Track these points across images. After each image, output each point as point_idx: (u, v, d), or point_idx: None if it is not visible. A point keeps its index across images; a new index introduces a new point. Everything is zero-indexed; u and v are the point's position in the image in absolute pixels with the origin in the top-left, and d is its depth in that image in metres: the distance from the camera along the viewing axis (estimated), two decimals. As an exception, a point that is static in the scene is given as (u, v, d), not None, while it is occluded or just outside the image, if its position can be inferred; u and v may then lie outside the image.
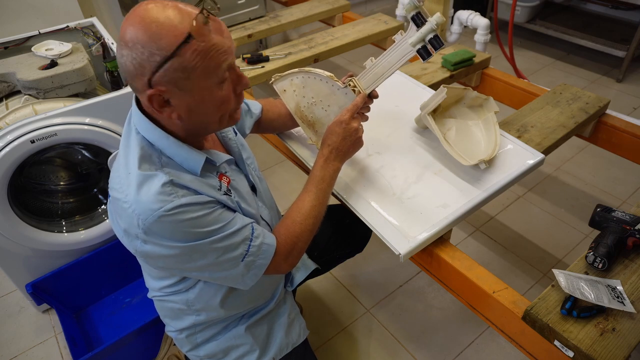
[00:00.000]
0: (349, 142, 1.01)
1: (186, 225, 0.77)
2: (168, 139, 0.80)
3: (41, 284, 1.51)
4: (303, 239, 0.94)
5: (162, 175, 0.77)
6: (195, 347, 1.04)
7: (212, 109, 0.79)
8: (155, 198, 0.75)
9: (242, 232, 0.84)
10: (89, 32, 1.65)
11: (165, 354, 1.36)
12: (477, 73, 1.76)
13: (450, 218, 1.06)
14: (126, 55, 0.71)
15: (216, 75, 0.75)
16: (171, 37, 0.69)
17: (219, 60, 0.73)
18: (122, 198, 0.78)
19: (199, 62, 0.71)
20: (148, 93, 0.73)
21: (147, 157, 0.80)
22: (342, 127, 1.00)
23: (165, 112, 0.77)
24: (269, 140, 1.52)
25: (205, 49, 0.71)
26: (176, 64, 0.71)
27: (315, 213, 0.96)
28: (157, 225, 0.75)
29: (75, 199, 1.66)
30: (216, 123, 0.82)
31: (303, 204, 0.96)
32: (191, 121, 0.79)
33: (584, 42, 2.92)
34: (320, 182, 0.98)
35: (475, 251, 1.85)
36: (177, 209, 0.75)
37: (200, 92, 0.75)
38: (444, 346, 1.53)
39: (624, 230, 0.98)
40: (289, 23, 2.23)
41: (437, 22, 0.94)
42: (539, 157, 1.20)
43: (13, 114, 1.37)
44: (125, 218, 0.78)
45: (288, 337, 1.10)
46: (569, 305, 0.88)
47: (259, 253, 0.87)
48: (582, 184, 2.14)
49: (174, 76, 0.72)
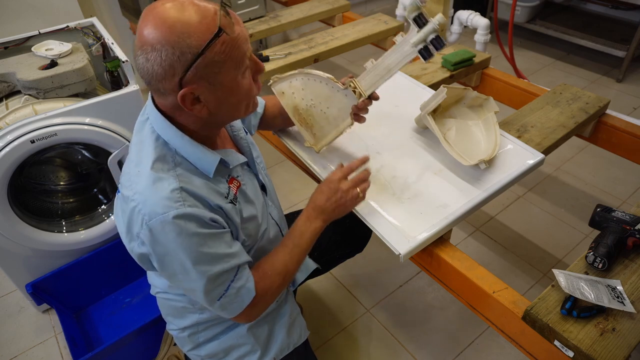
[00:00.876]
0: (333, 204, 0.97)
1: (184, 238, 0.76)
2: (183, 138, 0.80)
3: (41, 284, 1.51)
4: (273, 293, 0.93)
5: (173, 180, 0.77)
6: (197, 347, 1.04)
7: (240, 98, 0.79)
8: (162, 202, 0.75)
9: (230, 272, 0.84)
10: (89, 32, 1.65)
11: (165, 354, 1.36)
12: (477, 73, 1.76)
13: (450, 218, 1.06)
14: (153, 59, 0.70)
15: (243, 65, 0.76)
16: (200, 34, 0.69)
17: (244, 50, 0.75)
18: (130, 196, 0.78)
19: (228, 54, 0.72)
20: (181, 93, 0.73)
21: (161, 156, 0.80)
22: (329, 186, 0.98)
23: (196, 109, 0.77)
24: (269, 140, 1.52)
25: (233, 40, 0.72)
26: (207, 59, 0.71)
27: (288, 270, 0.94)
28: (158, 229, 0.75)
29: (75, 199, 1.66)
30: (242, 111, 0.83)
31: (277, 259, 0.94)
32: (220, 114, 0.80)
33: (584, 42, 2.92)
34: (299, 238, 0.96)
35: (475, 251, 1.85)
36: (181, 218, 0.75)
37: (230, 83, 0.76)
38: (444, 346, 1.53)
39: (624, 230, 0.98)
40: (289, 23, 2.23)
41: (439, 22, 0.94)
42: (539, 157, 1.20)
43: (13, 114, 1.37)
44: (130, 216, 0.78)
45: (289, 337, 1.10)
46: (569, 305, 0.88)
47: (237, 296, 0.85)
48: (582, 184, 2.14)
49: (206, 72, 0.72)
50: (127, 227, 0.80)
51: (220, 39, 0.71)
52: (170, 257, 0.78)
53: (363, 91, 1.07)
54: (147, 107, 0.84)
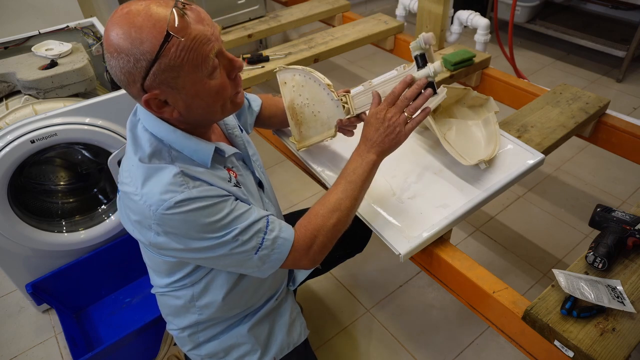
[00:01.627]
0: (383, 133, 0.94)
1: (198, 216, 0.76)
2: (175, 132, 0.80)
3: (41, 284, 1.51)
4: (324, 232, 0.89)
5: (173, 166, 0.78)
6: (197, 346, 1.04)
7: (209, 100, 0.77)
8: (166, 188, 0.75)
9: (256, 224, 0.82)
10: (89, 32, 1.65)
11: (165, 354, 1.36)
12: (477, 73, 1.76)
13: (450, 218, 1.06)
14: (114, 66, 0.71)
15: (205, 67, 0.73)
16: (152, 39, 0.68)
17: (204, 51, 0.71)
18: (133, 191, 0.78)
19: (184, 58, 0.70)
20: (143, 99, 0.73)
21: (157, 152, 0.80)
22: (376, 117, 0.94)
23: (166, 112, 0.77)
24: (269, 140, 1.52)
25: (187, 42, 0.69)
26: (163, 65, 0.70)
27: (342, 207, 0.90)
28: (168, 215, 0.75)
29: (75, 199, 1.66)
30: (219, 112, 0.81)
31: (329, 197, 0.91)
32: (192, 116, 0.79)
33: (584, 42, 2.92)
34: (351, 174, 0.93)
35: (475, 251, 1.85)
36: (188, 201, 0.75)
37: (194, 86, 0.74)
38: (444, 346, 1.53)
39: (624, 230, 0.98)
40: (289, 23, 2.23)
41: (434, 71, 0.96)
42: (539, 157, 1.21)
43: (13, 114, 1.37)
44: (137, 210, 0.78)
45: (289, 336, 1.10)
46: (569, 305, 0.88)
47: (273, 247, 0.84)
48: (582, 184, 2.14)
49: (164, 77, 0.71)
50: (138, 221, 0.79)
51: (173, 44, 0.68)
52: (191, 237, 0.78)
53: (352, 109, 1.08)
54: (138, 106, 0.85)
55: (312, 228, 0.89)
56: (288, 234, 0.86)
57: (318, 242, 0.89)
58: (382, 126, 0.94)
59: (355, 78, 3.05)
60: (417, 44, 0.97)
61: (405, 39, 2.07)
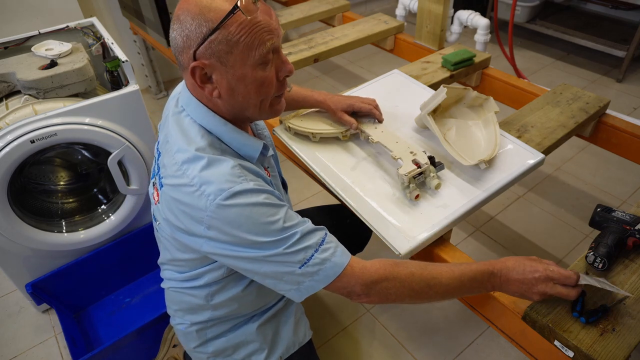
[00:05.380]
0: (516, 287, 0.85)
1: (254, 212, 0.76)
2: (226, 125, 0.82)
3: (41, 283, 1.51)
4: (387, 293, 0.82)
5: (230, 159, 0.79)
6: (204, 343, 1.04)
7: (252, 89, 0.79)
8: (225, 178, 0.76)
9: (312, 237, 0.79)
10: (89, 32, 1.65)
11: (164, 354, 1.36)
12: (477, 73, 1.76)
13: (450, 218, 1.06)
14: (176, 30, 0.75)
15: (259, 53, 0.75)
16: (219, 9, 0.72)
17: (262, 38, 0.74)
18: (187, 182, 0.77)
19: (243, 36, 0.73)
20: (192, 65, 0.75)
21: (210, 143, 0.81)
22: (533, 275, 0.83)
23: (207, 89, 0.79)
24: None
25: (250, 23, 0.73)
26: (221, 36, 0.73)
27: (432, 288, 0.83)
28: (225, 206, 0.75)
29: (75, 199, 1.66)
30: (256, 107, 0.82)
31: (432, 271, 0.83)
32: (231, 101, 0.80)
33: (584, 42, 2.92)
34: (469, 283, 0.84)
35: (475, 251, 1.85)
36: (246, 192, 0.76)
37: (242, 68, 0.76)
38: (444, 346, 1.53)
39: (624, 230, 0.98)
40: (289, 23, 2.23)
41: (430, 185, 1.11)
42: (539, 157, 1.20)
43: (13, 114, 1.37)
44: (190, 202, 0.77)
45: (295, 336, 1.10)
46: (579, 307, 0.87)
47: (321, 267, 0.79)
48: (582, 184, 2.14)
49: (218, 49, 0.74)
50: (190, 213, 0.78)
51: (237, 19, 0.72)
52: (243, 230, 0.76)
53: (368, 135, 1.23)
54: (181, 98, 0.86)
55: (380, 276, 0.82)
56: (342, 260, 0.80)
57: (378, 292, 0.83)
58: (525, 287, 0.84)
59: (355, 78, 3.04)
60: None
61: (405, 39, 2.07)
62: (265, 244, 0.77)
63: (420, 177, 1.10)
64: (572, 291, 0.84)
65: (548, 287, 0.83)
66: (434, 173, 1.11)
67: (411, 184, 1.09)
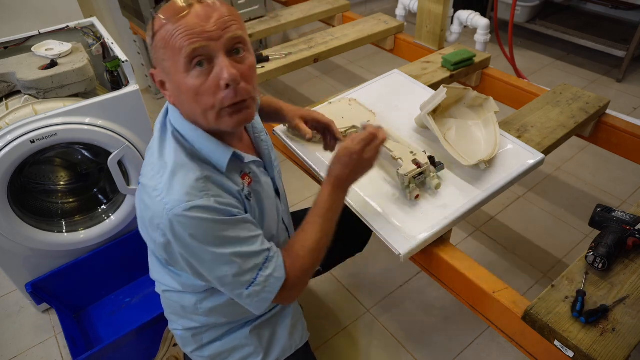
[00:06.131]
0: (359, 174, 0.93)
1: (207, 227, 0.76)
2: (197, 131, 0.81)
3: (41, 283, 1.51)
4: (308, 273, 0.90)
5: (197, 169, 0.78)
6: (201, 347, 1.04)
7: (188, 98, 0.76)
8: (186, 191, 0.75)
9: (256, 258, 0.82)
10: (89, 32, 1.65)
11: (164, 354, 1.36)
12: (477, 73, 1.76)
13: (450, 218, 1.06)
14: None
15: (182, 59, 0.71)
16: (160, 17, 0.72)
17: (181, 43, 0.70)
18: (153, 186, 0.78)
19: (167, 42, 0.72)
20: (150, 71, 0.78)
21: (181, 148, 0.81)
22: (352, 158, 0.89)
23: (166, 95, 0.80)
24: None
25: (173, 28, 0.71)
26: (156, 42, 0.74)
27: (321, 246, 0.91)
28: (180, 218, 0.74)
29: (75, 199, 1.66)
30: (203, 118, 0.77)
31: (307, 237, 0.90)
32: (182, 110, 0.80)
33: (584, 42, 2.92)
34: (327, 212, 0.91)
35: (475, 251, 1.85)
36: (204, 209, 0.75)
37: (175, 76, 0.74)
38: (444, 346, 1.53)
39: (624, 230, 0.98)
40: (289, 23, 2.23)
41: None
42: (539, 157, 1.20)
43: (13, 114, 1.37)
44: (152, 206, 0.78)
45: (291, 338, 1.10)
46: (579, 307, 0.88)
47: (265, 285, 0.83)
48: (582, 184, 2.14)
49: (157, 56, 0.75)
50: (150, 217, 0.79)
51: (160, 24, 0.72)
52: (194, 246, 0.77)
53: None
54: (167, 103, 0.86)
55: (297, 269, 0.88)
56: (281, 273, 0.85)
57: (302, 283, 0.90)
58: (359, 166, 0.92)
59: (355, 78, 3.04)
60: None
61: (405, 39, 2.07)
62: (215, 264, 0.79)
63: (421, 177, 1.10)
64: (379, 132, 0.92)
65: (368, 152, 0.90)
66: (434, 173, 1.11)
67: (411, 184, 1.09)
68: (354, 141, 0.90)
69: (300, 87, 2.98)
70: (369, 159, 0.91)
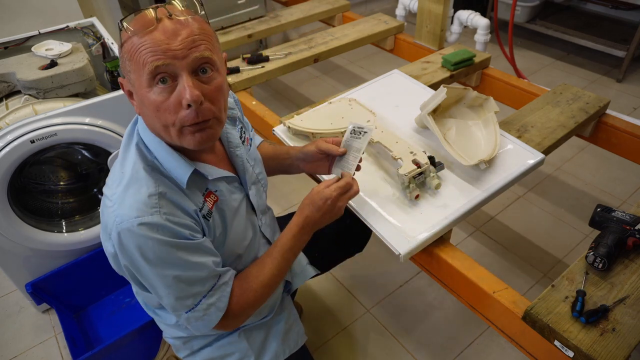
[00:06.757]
0: (327, 220, 0.94)
1: (155, 246, 0.75)
2: (160, 144, 0.79)
3: (41, 283, 1.51)
4: (255, 306, 0.91)
5: (152, 184, 0.76)
6: (192, 354, 1.04)
7: (151, 113, 0.75)
8: (137, 206, 0.74)
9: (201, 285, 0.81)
10: (89, 32, 1.65)
11: (164, 354, 1.36)
12: (477, 73, 1.76)
13: (450, 218, 1.06)
14: None
15: (145, 74, 0.71)
16: (129, 28, 0.72)
17: (145, 59, 0.70)
18: (109, 196, 0.78)
19: (132, 55, 0.72)
20: (118, 79, 0.78)
21: (142, 159, 0.80)
22: (326, 203, 0.91)
23: (133, 104, 0.79)
24: (269, 140, 1.52)
25: (137, 43, 0.70)
26: (123, 53, 0.74)
27: (273, 283, 0.92)
28: (128, 233, 0.74)
29: (75, 199, 1.66)
30: (165, 132, 0.76)
31: (264, 271, 0.91)
32: (147, 122, 0.79)
33: (584, 42, 2.92)
34: (288, 252, 0.93)
35: (475, 251, 1.85)
36: (152, 226, 0.74)
37: (139, 89, 0.74)
38: (444, 346, 1.53)
39: (624, 230, 0.98)
40: (289, 23, 2.23)
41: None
42: (539, 157, 1.20)
43: (13, 114, 1.37)
44: (106, 216, 0.78)
45: (284, 343, 1.09)
46: (579, 307, 0.88)
47: (205, 313, 0.83)
48: (582, 184, 2.14)
49: (123, 67, 0.76)
50: (103, 227, 0.80)
51: (129, 37, 0.72)
52: (139, 262, 0.77)
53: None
54: None
55: (245, 301, 0.88)
56: (224, 304, 0.85)
57: (247, 314, 0.91)
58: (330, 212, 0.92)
59: (355, 78, 3.05)
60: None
61: (405, 39, 2.07)
62: (156, 282, 0.79)
63: (420, 177, 1.10)
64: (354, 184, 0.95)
65: (341, 200, 0.93)
66: (434, 173, 1.11)
67: (411, 184, 1.09)
68: (330, 187, 0.92)
69: (300, 87, 2.98)
70: (340, 207, 0.93)
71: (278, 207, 2.09)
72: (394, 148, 1.16)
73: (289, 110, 2.46)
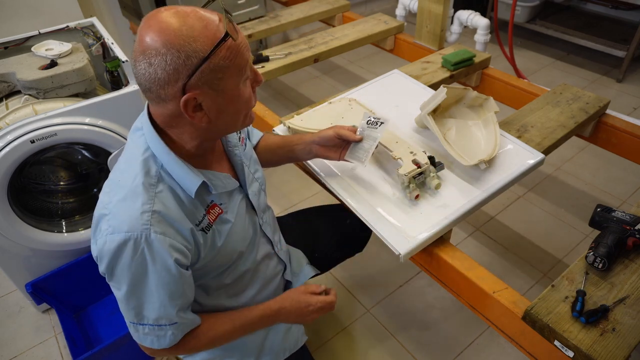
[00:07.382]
0: (296, 320, 1.04)
1: (130, 267, 0.77)
2: (169, 155, 0.79)
3: (41, 283, 1.51)
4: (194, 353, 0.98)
5: (149, 200, 0.76)
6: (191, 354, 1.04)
7: (240, 107, 0.79)
8: (129, 220, 0.75)
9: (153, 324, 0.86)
10: (89, 32, 1.65)
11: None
12: (477, 73, 1.76)
13: (450, 218, 1.06)
14: (157, 63, 0.69)
15: (245, 72, 0.76)
16: (205, 39, 0.69)
17: (246, 57, 0.75)
18: (105, 202, 0.79)
19: (232, 60, 0.72)
20: (184, 98, 0.71)
21: (147, 169, 0.79)
22: (308, 309, 1.02)
23: (197, 117, 0.75)
24: (269, 140, 1.52)
25: (237, 46, 0.73)
26: (212, 64, 0.71)
27: (220, 343, 0.96)
28: (112, 244, 0.75)
29: (75, 199, 1.66)
30: (240, 123, 0.83)
31: (219, 329, 0.94)
32: (219, 123, 0.79)
33: (584, 42, 2.92)
34: (248, 327, 0.98)
35: (475, 251, 1.85)
36: (136, 246, 0.75)
37: (233, 90, 0.76)
38: (444, 346, 1.53)
39: (624, 230, 0.98)
40: (289, 23, 2.23)
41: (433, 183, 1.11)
42: (539, 157, 1.20)
43: (13, 114, 1.37)
44: (99, 220, 0.78)
45: (284, 343, 1.09)
46: (579, 307, 0.88)
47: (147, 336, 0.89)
48: (582, 184, 2.14)
49: (210, 77, 0.71)
50: (94, 228, 0.80)
51: (226, 44, 0.71)
52: (116, 274, 0.79)
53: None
54: (143, 116, 0.83)
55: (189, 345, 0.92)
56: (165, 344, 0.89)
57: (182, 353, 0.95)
58: (306, 315, 1.03)
59: (355, 78, 3.05)
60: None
61: (406, 39, 2.07)
62: (123, 298, 0.83)
63: (420, 177, 1.10)
64: (334, 305, 1.08)
65: (318, 313, 1.04)
66: (434, 173, 1.11)
67: (411, 184, 1.09)
68: (317, 297, 1.03)
69: (300, 87, 2.98)
70: (313, 318, 1.04)
71: (278, 207, 2.09)
72: (394, 148, 1.16)
73: (289, 110, 2.46)
